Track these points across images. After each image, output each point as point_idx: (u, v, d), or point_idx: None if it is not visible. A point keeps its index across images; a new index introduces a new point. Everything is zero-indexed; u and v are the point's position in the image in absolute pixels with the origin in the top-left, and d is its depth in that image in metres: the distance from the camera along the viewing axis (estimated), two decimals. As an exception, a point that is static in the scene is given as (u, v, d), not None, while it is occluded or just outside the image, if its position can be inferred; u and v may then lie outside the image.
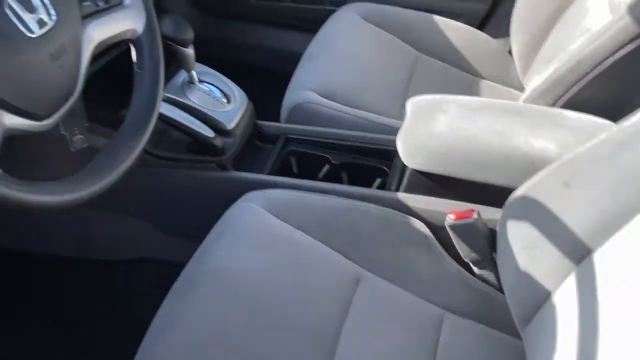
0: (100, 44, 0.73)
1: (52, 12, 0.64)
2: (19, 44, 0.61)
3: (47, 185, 0.63)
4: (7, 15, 0.60)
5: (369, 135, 1.13)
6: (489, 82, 1.40)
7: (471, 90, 1.37)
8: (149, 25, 0.78)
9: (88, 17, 0.71)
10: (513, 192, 0.82)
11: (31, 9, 0.62)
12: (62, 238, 1.25)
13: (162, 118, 1.01)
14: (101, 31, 0.73)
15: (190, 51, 1.04)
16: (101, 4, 0.73)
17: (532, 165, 0.86)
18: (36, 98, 0.64)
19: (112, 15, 0.74)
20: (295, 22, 1.77)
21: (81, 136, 0.84)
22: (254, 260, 0.88)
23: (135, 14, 0.77)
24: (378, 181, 1.10)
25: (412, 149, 0.94)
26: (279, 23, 1.81)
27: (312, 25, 1.51)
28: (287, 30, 1.79)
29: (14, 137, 0.63)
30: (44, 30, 0.63)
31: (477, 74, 1.41)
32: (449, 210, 0.90)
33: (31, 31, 0.62)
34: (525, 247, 0.75)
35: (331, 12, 1.49)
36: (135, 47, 0.79)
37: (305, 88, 1.24)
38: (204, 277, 0.85)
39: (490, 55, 1.43)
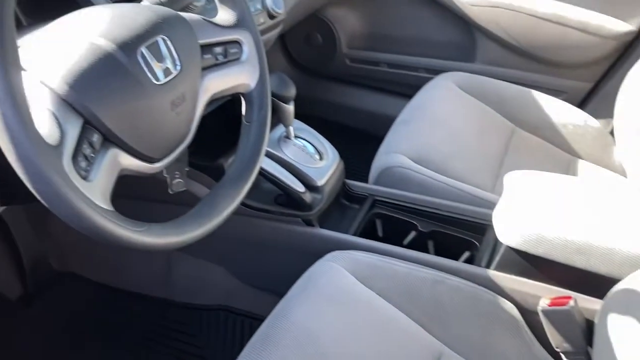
0: (214, 94, 0.76)
1: (178, 62, 0.68)
2: (145, 89, 0.64)
3: (151, 227, 0.64)
4: (138, 62, 0.64)
5: (461, 205, 1.10)
6: (588, 162, 1.35)
7: (568, 169, 1.32)
8: (261, 81, 0.80)
9: (207, 68, 0.75)
10: (616, 284, 0.77)
11: (160, 58, 0.66)
12: (144, 276, 1.28)
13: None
14: (217, 83, 0.76)
15: (290, 108, 1.07)
16: (220, 58, 0.77)
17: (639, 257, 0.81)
18: (152, 142, 0.66)
19: (229, 69, 0.77)
20: (390, 87, 1.80)
21: (181, 180, 0.86)
22: (333, 323, 0.87)
23: (250, 69, 0.80)
24: (466, 254, 1.07)
25: (509, 227, 0.90)
26: (374, 86, 1.84)
27: (407, 90, 1.53)
28: (382, 94, 1.82)
29: (122, 177, 0.66)
30: (169, 78, 0.66)
31: (575, 154, 1.36)
32: (543, 295, 0.86)
33: (157, 79, 0.65)
34: (628, 344, 0.70)
35: (427, 79, 1.50)
36: (246, 100, 0.82)
37: (397, 151, 1.23)
38: (282, 335, 0.84)
39: (591, 135, 1.38)
